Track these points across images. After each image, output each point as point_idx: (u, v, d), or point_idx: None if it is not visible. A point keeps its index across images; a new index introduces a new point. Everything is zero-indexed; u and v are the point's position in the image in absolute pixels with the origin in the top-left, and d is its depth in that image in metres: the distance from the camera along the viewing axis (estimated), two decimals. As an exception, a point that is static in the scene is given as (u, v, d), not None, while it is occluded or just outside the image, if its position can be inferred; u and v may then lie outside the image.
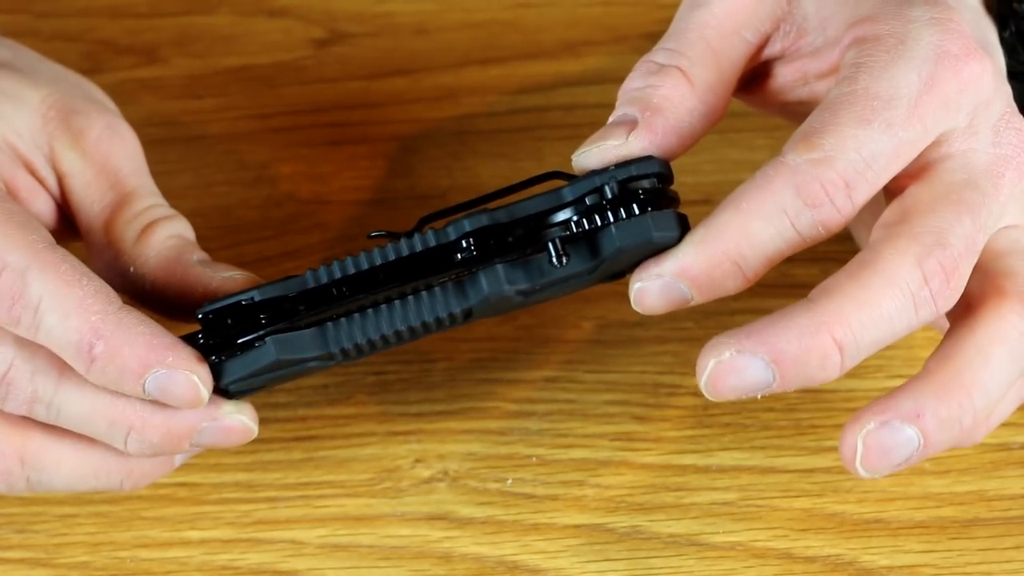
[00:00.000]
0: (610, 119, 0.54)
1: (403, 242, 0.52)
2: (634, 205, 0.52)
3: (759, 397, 0.51)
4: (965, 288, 0.51)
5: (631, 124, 0.53)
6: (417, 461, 0.61)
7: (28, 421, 0.55)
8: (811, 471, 0.60)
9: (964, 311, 0.52)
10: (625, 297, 0.64)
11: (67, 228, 0.59)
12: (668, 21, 0.73)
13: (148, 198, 0.58)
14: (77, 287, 0.53)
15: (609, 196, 0.52)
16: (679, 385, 0.62)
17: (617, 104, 0.55)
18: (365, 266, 0.52)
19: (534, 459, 0.61)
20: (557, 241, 0.52)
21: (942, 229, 0.51)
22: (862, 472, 0.50)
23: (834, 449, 0.60)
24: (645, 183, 0.52)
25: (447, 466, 0.61)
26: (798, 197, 0.51)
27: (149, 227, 0.57)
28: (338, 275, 0.53)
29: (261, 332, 0.53)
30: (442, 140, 0.70)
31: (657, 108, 0.53)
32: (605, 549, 0.59)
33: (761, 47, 0.56)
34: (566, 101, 0.71)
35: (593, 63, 0.72)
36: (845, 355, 0.50)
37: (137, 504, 0.61)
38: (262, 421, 0.62)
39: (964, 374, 0.51)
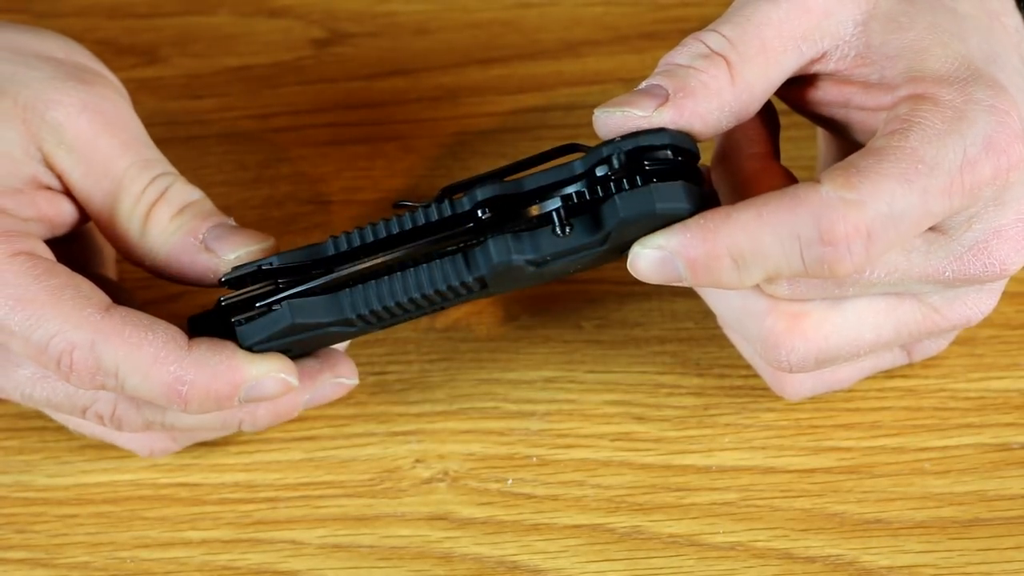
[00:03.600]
0: (642, 84, 0.54)
1: (420, 211, 0.53)
2: (638, 177, 0.52)
3: None
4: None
5: (662, 98, 0.53)
6: (417, 461, 0.61)
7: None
8: (811, 471, 0.60)
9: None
10: (625, 297, 0.64)
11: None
12: (669, 21, 0.73)
13: (140, 177, 0.57)
14: (146, 345, 0.55)
15: (616, 166, 0.52)
16: (679, 385, 0.62)
17: (655, 71, 0.54)
18: (384, 234, 0.53)
19: (534, 459, 0.61)
20: (561, 211, 0.52)
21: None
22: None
23: (834, 449, 0.60)
24: (659, 155, 0.52)
25: (447, 466, 0.61)
26: (816, 229, 0.51)
27: (149, 214, 0.57)
28: (357, 242, 0.54)
29: (277, 297, 0.54)
30: (442, 140, 0.70)
31: (692, 91, 0.53)
32: (605, 549, 0.59)
33: (814, 61, 0.55)
34: (566, 101, 0.71)
35: (593, 63, 0.72)
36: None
37: (137, 504, 0.61)
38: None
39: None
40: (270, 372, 0.55)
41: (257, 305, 0.55)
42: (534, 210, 0.53)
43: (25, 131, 0.57)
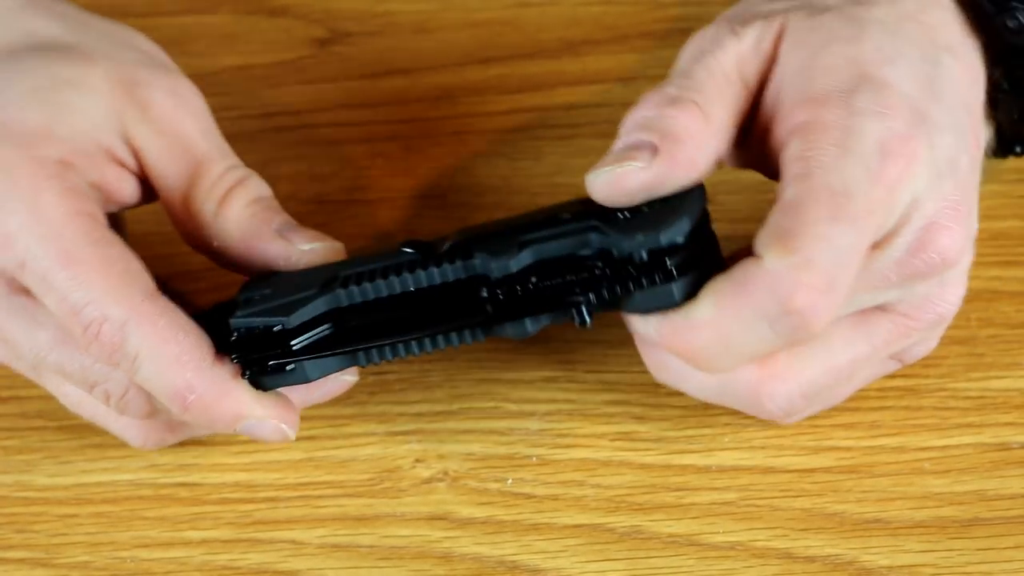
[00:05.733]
0: (620, 144, 0.54)
1: (435, 270, 0.55)
2: (657, 275, 0.53)
3: None
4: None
5: (652, 149, 0.54)
6: (417, 461, 0.61)
7: None
8: (811, 471, 0.60)
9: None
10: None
11: (152, 199, 0.59)
12: (668, 21, 0.73)
13: (220, 161, 0.59)
14: (173, 343, 0.55)
15: (637, 262, 0.53)
16: (679, 385, 0.62)
17: (625, 131, 0.55)
18: (397, 290, 0.55)
19: (534, 459, 0.61)
20: (584, 310, 0.54)
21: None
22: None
23: (834, 449, 0.60)
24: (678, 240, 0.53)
25: (447, 466, 0.61)
26: (778, 304, 0.51)
27: (226, 196, 0.58)
28: (371, 296, 0.55)
29: (292, 360, 0.56)
30: (442, 140, 0.70)
31: (677, 138, 0.54)
32: (605, 549, 0.59)
33: (751, 94, 0.56)
34: (566, 101, 0.71)
35: (593, 62, 0.72)
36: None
37: (137, 504, 0.61)
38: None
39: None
40: (272, 418, 0.57)
41: (270, 364, 0.56)
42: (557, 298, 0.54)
43: (111, 103, 0.58)
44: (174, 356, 0.55)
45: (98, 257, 0.55)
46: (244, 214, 0.58)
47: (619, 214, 0.53)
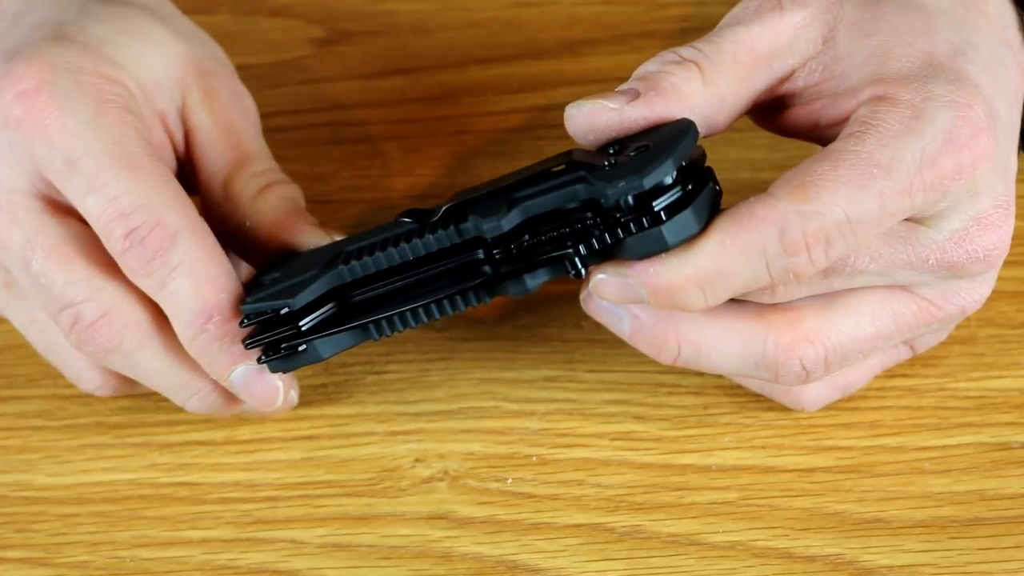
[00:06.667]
0: (616, 89, 0.55)
1: (431, 237, 0.55)
2: (645, 219, 0.52)
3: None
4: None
5: (632, 95, 0.54)
6: (417, 461, 0.61)
7: None
8: (811, 471, 0.60)
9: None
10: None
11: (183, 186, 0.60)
12: (668, 20, 0.73)
13: (267, 161, 0.60)
14: (217, 263, 0.56)
15: (624, 208, 0.52)
16: (679, 384, 0.62)
17: (629, 80, 0.55)
18: (397, 260, 0.55)
19: (534, 459, 0.61)
20: (577, 261, 0.54)
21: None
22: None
23: (834, 448, 0.60)
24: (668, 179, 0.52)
25: (447, 466, 0.61)
26: (780, 243, 0.52)
27: (268, 187, 0.59)
28: (372, 269, 0.55)
29: (303, 340, 0.56)
30: (442, 140, 0.70)
31: (662, 91, 0.54)
32: (605, 548, 0.59)
33: (785, 79, 0.56)
34: (566, 100, 0.70)
35: (593, 62, 0.72)
36: (708, 295, 0.53)
37: (137, 503, 0.61)
38: (261, 420, 0.62)
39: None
40: (274, 380, 0.58)
41: (283, 347, 0.56)
42: (553, 250, 0.54)
43: (182, 77, 0.60)
44: (214, 275, 0.56)
45: (157, 169, 0.56)
46: (281, 202, 0.59)
47: (605, 163, 0.53)
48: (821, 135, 0.56)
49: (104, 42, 0.58)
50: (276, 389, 0.58)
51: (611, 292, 0.54)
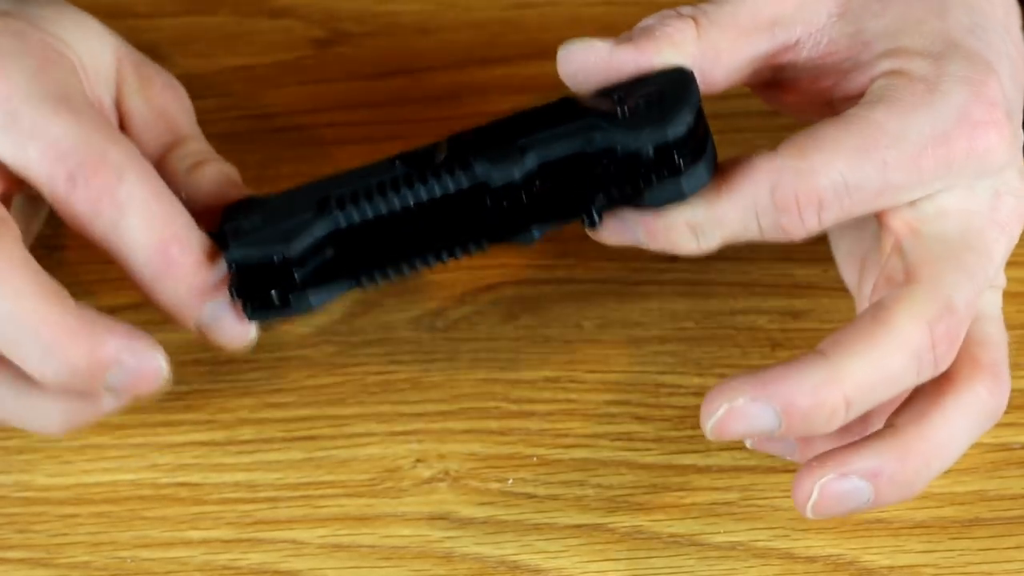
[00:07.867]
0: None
1: (435, 183, 0.54)
2: (667, 169, 0.52)
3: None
4: None
5: (626, 39, 0.54)
6: (418, 461, 0.61)
7: None
8: (812, 471, 0.59)
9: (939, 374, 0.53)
10: (625, 297, 0.64)
11: None
12: (669, 21, 0.73)
13: (202, 143, 0.59)
14: (167, 198, 0.54)
15: (645, 158, 0.52)
16: (679, 385, 0.62)
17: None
18: (397, 207, 0.54)
19: (535, 459, 0.61)
20: (594, 211, 0.53)
21: (950, 295, 0.52)
22: (809, 514, 0.52)
23: (835, 449, 0.60)
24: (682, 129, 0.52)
25: (448, 466, 0.61)
26: (771, 196, 0.52)
27: (203, 162, 0.58)
28: (370, 216, 0.54)
29: (297, 289, 0.54)
30: (443, 140, 0.70)
31: (655, 38, 0.54)
32: (606, 549, 0.59)
33: (787, 48, 0.56)
34: (567, 101, 0.71)
35: (594, 63, 0.72)
36: (851, 411, 0.52)
37: (138, 504, 0.61)
38: (262, 420, 0.62)
39: (928, 441, 0.52)
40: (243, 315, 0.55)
41: (275, 295, 0.54)
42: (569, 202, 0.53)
43: (116, 67, 0.59)
44: (165, 212, 0.54)
45: (99, 116, 0.56)
46: (217, 175, 0.58)
47: (617, 110, 0.53)
48: (835, 113, 0.56)
49: (49, 21, 0.58)
50: (248, 324, 0.55)
51: (609, 233, 0.54)
